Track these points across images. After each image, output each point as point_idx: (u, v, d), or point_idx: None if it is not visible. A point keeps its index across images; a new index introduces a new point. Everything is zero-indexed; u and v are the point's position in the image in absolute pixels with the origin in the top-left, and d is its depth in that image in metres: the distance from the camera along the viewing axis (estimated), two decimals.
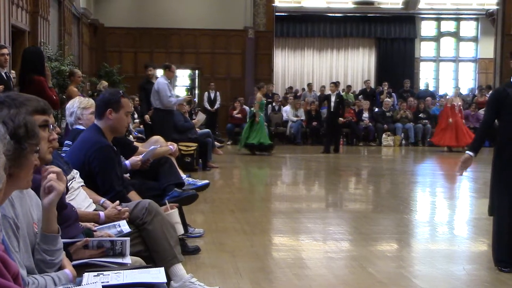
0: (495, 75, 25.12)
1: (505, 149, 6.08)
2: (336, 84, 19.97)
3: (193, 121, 15.28)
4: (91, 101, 5.99)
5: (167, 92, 13.59)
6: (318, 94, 24.65)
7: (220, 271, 5.89)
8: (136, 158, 6.39)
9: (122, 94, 5.35)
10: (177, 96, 15.06)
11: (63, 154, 5.34)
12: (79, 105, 5.90)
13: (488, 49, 28.04)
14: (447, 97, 22.17)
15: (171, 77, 14.49)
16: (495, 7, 25.86)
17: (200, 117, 15.99)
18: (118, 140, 5.85)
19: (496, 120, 6.35)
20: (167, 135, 11.39)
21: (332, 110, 19.19)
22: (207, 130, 15.77)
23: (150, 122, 14.27)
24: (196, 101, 24.12)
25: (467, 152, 6.29)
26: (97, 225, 4.38)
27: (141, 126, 15.63)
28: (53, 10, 16.20)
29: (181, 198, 6.23)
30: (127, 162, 6.31)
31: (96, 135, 5.17)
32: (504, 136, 6.14)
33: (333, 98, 19.18)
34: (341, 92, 21.50)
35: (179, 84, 26.92)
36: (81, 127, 5.84)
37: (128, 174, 6.14)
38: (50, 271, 3.03)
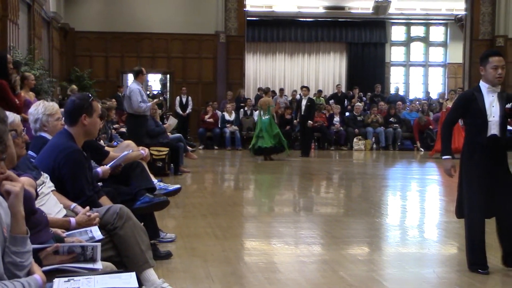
0: (464, 80, 25.37)
1: (474, 153, 6.14)
2: (308, 88, 20.12)
3: (165, 125, 15.24)
4: (56, 106, 5.86)
5: (138, 98, 13.54)
6: (290, 98, 24.76)
7: (192, 276, 5.88)
8: (107, 167, 6.36)
9: (92, 97, 5.34)
10: (151, 100, 14.97)
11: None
12: (44, 111, 5.72)
13: (457, 54, 28.37)
14: (442, 102, 22.17)
15: (143, 81, 14.43)
16: (463, 12, 26.14)
17: (172, 121, 15.95)
18: (89, 145, 5.81)
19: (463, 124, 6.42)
20: (140, 140, 11.35)
21: (303, 113, 19.31)
22: (179, 134, 15.73)
23: None
24: (167, 99, 24.11)
25: (444, 157, 6.35)
26: (66, 231, 4.34)
27: None
28: (22, 14, 16.07)
29: (151, 204, 6.20)
30: (99, 169, 6.27)
31: (66, 140, 5.14)
32: (472, 141, 6.20)
33: (304, 102, 19.31)
34: (311, 96, 21.64)
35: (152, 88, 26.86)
36: (46, 134, 5.70)
37: (100, 183, 6.08)
38: (20, 273, 3.01)
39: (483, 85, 6.20)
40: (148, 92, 23.89)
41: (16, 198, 3.01)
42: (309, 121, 19.42)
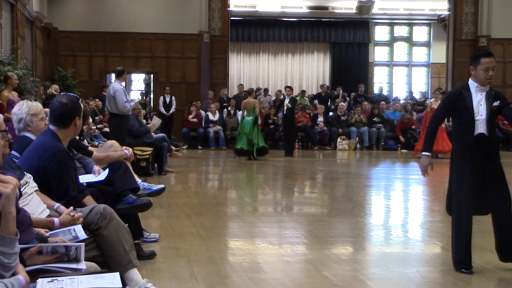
0: (447, 80, 25.49)
1: (464, 152, 6.14)
2: (291, 88, 20.30)
3: (148, 125, 15.21)
4: (39, 106, 5.84)
5: (124, 97, 13.52)
6: (273, 98, 24.78)
7: (176, 276, 5.87)
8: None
9: (79, 98, 5.35)
10: (132, 101, 14.96)
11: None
12: (28, 111, 5.69)
13: (440, 54, 28.49)
14: (428, 102, 22.21)
15: (124, 81, 14.45)
16: (446, 12, 26.25)
17: (155, 121, 15.91)
18: (73, 145, 5.79)
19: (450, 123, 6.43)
20: (122, 140, 11.32)
21: (284, 113, 19.42)
22: (163, 134, 15.69)
23: None
24: (151, 100, 24.09)
25: (424, 153, 6.38)
26: (49, 231, 4.32)
27: None
28: (5, 13, 15.99)
29: (134, 205, 6.19)
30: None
31: (51, 140, 5.11)
32: (461, 139, 6.20)
33: (286, 101, 19.41)
34: (294, 96, 21.71)
35: (134, 88, 26.80)
36: (29, 134, 5.67)
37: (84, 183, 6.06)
38: (6, 274, 3.00)
39: (472, 84, 6.21)
40: None
41: (7, 199, 2.99)
42: (288, 104, 19.44)
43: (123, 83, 14.00)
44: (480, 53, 6.36)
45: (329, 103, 24.83)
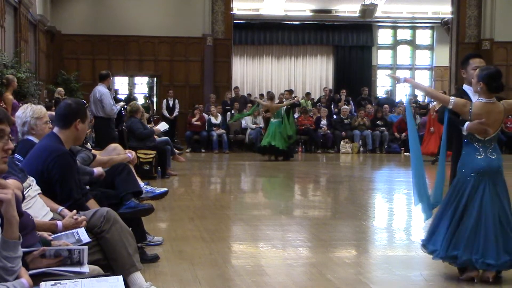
0: (451, 83, 25.48)
1: None
2: (290, 92, 20.35)
3: (154, 128, 15.24)
4: (43, 110, 5.85)
5: (110, 101, 13.66)
6: (277, 101, 24.76)
7: (179, 279, 5.87)
8: (101, 170, 6.42)
9: (87, 104, 5.38)
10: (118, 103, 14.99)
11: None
12: (32, 115, 5.70)
13: (443, 57, 28.49)
14: (431, 105, 22.18)
15: (109, 85, 14.59)
16: (449, 16, 26.24)
17: (161, 126, 15.92)
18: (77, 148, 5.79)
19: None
20: (108, 143, 11.33)
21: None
22: (166, 137, 15.70)
23: None
24: (155, 104, 24.13)
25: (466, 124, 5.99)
26: (52, 234, 4.32)
27: None
28: (8, 16, 16.02)
29: (136, 210, 6.19)
30: (95, 169, 6.32)
31: (55, 143, 5.12)
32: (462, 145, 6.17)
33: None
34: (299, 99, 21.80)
35: (138, 91, 26.78)
36: (33, 138, 5.68)
37: (87, 186, 6.07)
38: (9, 278, 3.00)
39: (467, 88, 6.23)
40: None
41: (9, 205, 2.99)
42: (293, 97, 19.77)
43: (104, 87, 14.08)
44: (469, 55, 6.53)
45: (332, 106, 24.81)
